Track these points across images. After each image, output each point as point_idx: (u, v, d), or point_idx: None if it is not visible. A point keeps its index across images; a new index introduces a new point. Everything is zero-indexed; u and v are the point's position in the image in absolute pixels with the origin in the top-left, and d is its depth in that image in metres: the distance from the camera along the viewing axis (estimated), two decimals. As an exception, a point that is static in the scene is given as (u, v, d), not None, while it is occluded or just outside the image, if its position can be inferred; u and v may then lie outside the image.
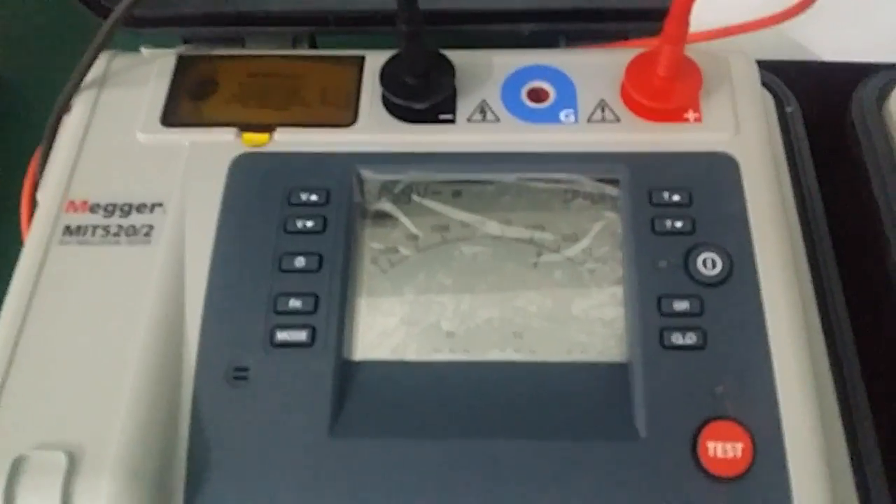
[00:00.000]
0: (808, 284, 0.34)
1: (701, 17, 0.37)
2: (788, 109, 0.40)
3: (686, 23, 0.32)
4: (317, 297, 0.31)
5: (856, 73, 0.42)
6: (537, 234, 0.33)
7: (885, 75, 0.41)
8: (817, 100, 0.42)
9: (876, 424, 0.32)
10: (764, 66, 0.42)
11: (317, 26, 0.44)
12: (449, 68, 0.35)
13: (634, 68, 0.35)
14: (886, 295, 0.36)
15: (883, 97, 0.40)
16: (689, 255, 0.31)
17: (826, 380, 0.32)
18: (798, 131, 0.40)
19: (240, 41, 0.43)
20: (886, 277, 0.36)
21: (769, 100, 0.41)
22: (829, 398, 0.32)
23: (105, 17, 0.39)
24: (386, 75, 0.35)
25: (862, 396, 0.32)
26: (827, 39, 0.42)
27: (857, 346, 0.34)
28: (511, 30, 0.44)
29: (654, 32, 0.34)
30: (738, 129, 0.34)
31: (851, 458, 0.31)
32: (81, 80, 0.38)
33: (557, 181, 0.34)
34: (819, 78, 0.43)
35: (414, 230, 0.34)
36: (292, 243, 0.32)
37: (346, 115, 0.35)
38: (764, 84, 0.41)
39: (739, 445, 0.28)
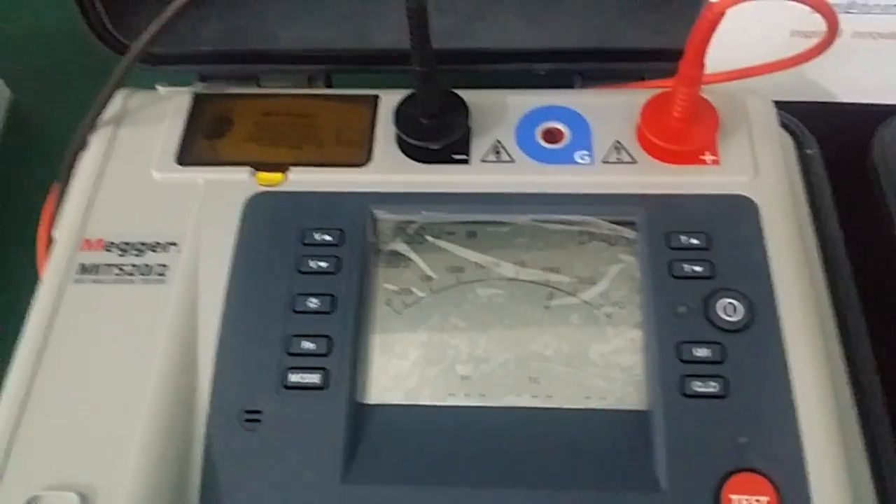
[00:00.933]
0: (832, 332, 0.33)
1: (719, 58, 0.37)
2: (809, 152, 0.40)
3: (701, 65, 0.32)
4: (330, 339, 0.31)
5: (877, 116, 0.42)
6: (553, 277, 0.33)
7: (898, 119, 0.41)
8: (838, 142, 0.41)
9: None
10: (783, 107, 0.42)
11: (332, 65, 0.44)
12: (463, 108, 0.35)
13: (650, 109, 0.35)
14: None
15: (898, 139, 0.40)
16: (708, 301, 0.31)
17: (853, 430, 0.31)
18: (819, 174, 0.39)
19: (255, 79, 0.43)
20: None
21: (789, 142, 0.40)
22: (856, 448, 0.31)
23: (122, 53, 0.39)
24: (400, 115, 0.35)
25: (890, 447, 0.32)
26: (847, 81, 0.41)
27: (884, 395, 0.33)
28: (526, 69, 0.44)
29: (670, 73, 0.34)
30: (757, 171, 0.34)
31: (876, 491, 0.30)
32: (98, 117, 0.38)
33: (573, 223, 0.34)
34: (840, 120, 0.43)
35: (428, 271, 0.33)
36: (306, 284, 0.32)
37: (360, 155, 0.35)
38: (783, 126, 0.41)
39: (765, 499, 0.27)
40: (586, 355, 0.31)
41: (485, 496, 0.28)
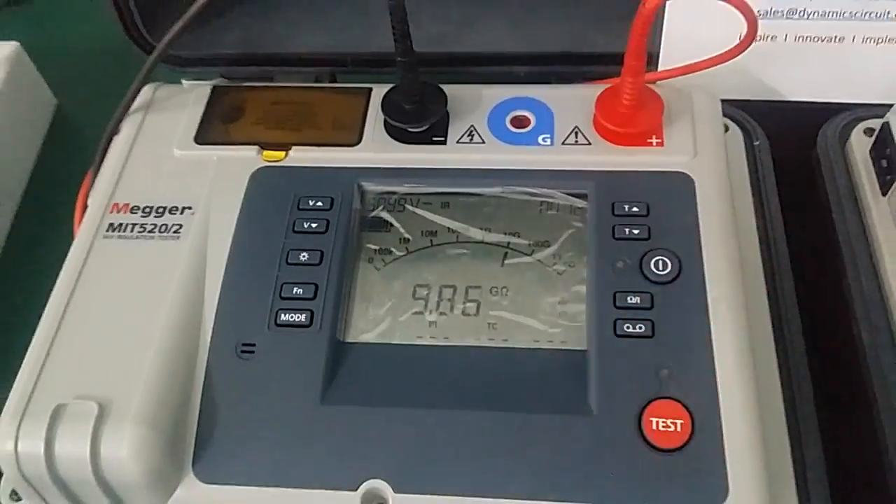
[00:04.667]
0: (762, 290, 0.38)
1: (681, 58, 0.42)
2: (756, 143, 0.45)
3: (642, 57, 0.37)
4: (316, 286, 0.36)
5: (823, 113, 0.46)
6: (513, 240, 0.38)
7: (847, 115, 0.45)
8: (789, 136, 0.46)
9: (820, 418, 0.35)
10: (738, 104, 0.46)
11: (336, 67, 0.50)
12: (441, 96, 0.40)
13: (603, 98, 0.40)
14: (842, 309, 0.39)
15: (845, 135, 0.44)
16: (643, 258, 0.35)
17: (773, 371, 0.35)
18: (764, 162, 0.44)
19: (270, 79, 0.49)
20: (841, 293, 0.39)
21: (739, 133, 0.45)
22: (773, 386, 0.35)
23: (150, 52, 0.45)
24: (386, 102, 0.41)
25: (806, 387, 0.36)
26: (792, 81, 0.46)
27: (807, 347, 0.37)
28: (507, 72, 0.49)
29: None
30: (696, 152, 0.39)
31: (791, 437, 0.34)
32: (128, 108, 0.44)
33: (533, 195, 0.39)
34: (790, 116, 0.47)
35: (406, 234, 0.38)
36: (298, 241, 0.37)
37: (352, 137, 0.41)
38: (735, 120, 0.46)
39: (680, 422, 0.32)
40: (537, 305, 0.36)
41: (441, 415, 0.33)
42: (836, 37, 0.44)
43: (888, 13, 0.43)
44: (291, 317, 0.35)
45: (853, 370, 0.37)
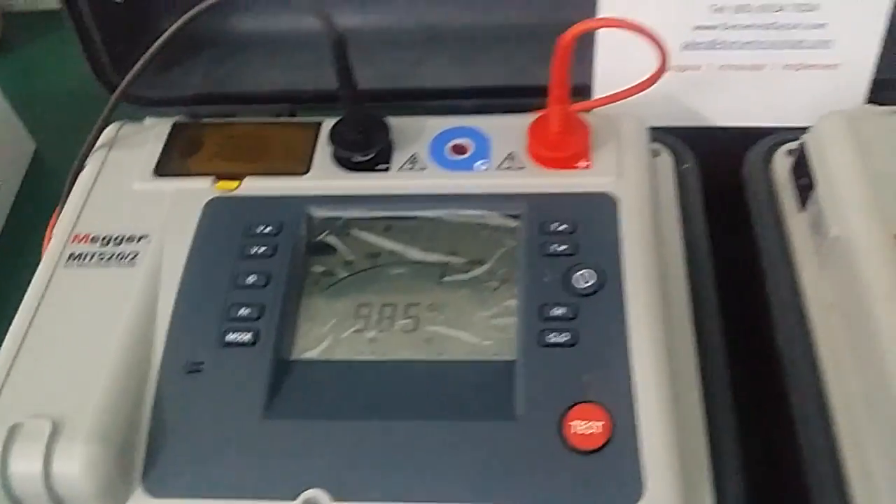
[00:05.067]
0: (685, 300, 0.40)
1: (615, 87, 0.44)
2: (686, 166, 0.47)
3: (564, 87, 0.39)
4: (262, 307, 0.38)
5: (751, 136, 0.49)
6: (451, 259, 0.40)
7: (771, 138, 0.47)
8: (719, 159, 0.49)
9: (738, 420, 0.37)
10: (670, 130, 0.49)
11: (294, 103, 0.53)
12: (384, 127, 0.43)
13: (535, 126, 0.42)
14: (763, 316, 0.41)
15: (769, 157, 0.47)
16: (568, 272, 0.38)
17: (693, 376, 0.38)
18: (692, 183, 0.46)
19: (232, 115, 0.52)
20: (762, 301, 0.42)
21: (669, 157, 0.47)
22: (693, 391, 0.37)
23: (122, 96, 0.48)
24: (333, 133, 0.43)
25: (725, 391, 0.38)
26: (720, 107, 0.49)
27: (729, 353, 0.39)
28: (454, 104, 0.52)
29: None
30: (621, 174, 0.41)
31: (709, 438, 0.36)
32: (92, 145, 0.47)
33: (469, 216, 0.41)
34: (721, 140, 0.50)
35: (350, 257, 0.41)
36: (247, 266, 0.39)
37: (301, 166, 0.43)
38: (667, 144, 0.48)
39: (599, 424, 0.34)
40: (471, 320, 0.38)
41: (376, 426, 0.35)
42: (756, 65, 0.47)
43: (803, 42, 0.46)
44: (237, 336, 0.37)
45: (771, 376, 0.39)
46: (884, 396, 0.34)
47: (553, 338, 0.36)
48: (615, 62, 0.47)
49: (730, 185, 0.48)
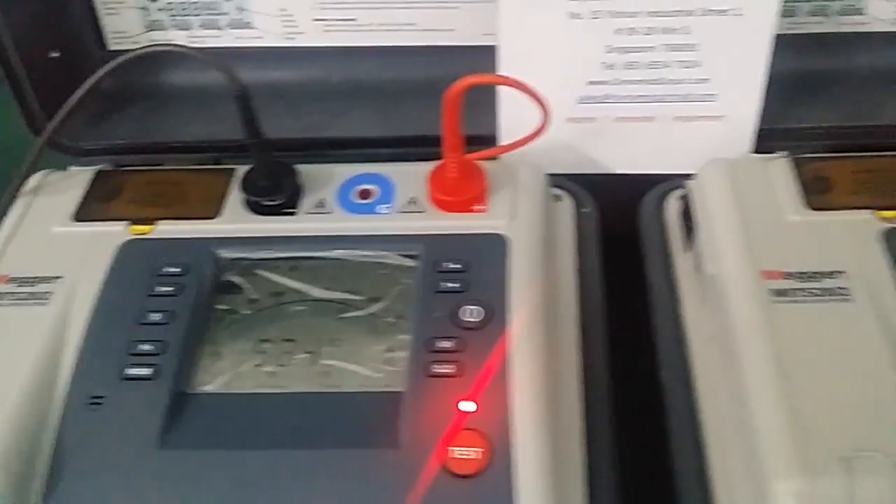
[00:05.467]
0: (574, 332, 0.42)
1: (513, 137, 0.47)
2: (584, 210, 0.50)
3: (456, 136, 0.42)
4: (164, 343, 0.40)
5: (650, 182, 0.52)
6: (350, 297, 0.42)
7: (665, 185, 0.50)
8: (620, 203, 0.51)
9: (618, 447, 0.39)
10: (574, 177, 0.52)
11: (217, 153, 0.55)
12: (292, 173, 0.45)
13: (435, 173, 0.45)
14: (650, 349, 0.44)
15: (661, 203, 0.50)
16: (457, 308, 0.40)
17: (575, 404, 0.40)
18: (590, 226, 0.49)
19: (159, 163, 0.54)
20: (651, 336, 0.44)
21: (570, 202, 0.50)
22: (574, 418, 0.39)
23: (57, 148, 0.50)
24: (245, 179, 0.46)
25: (604, 419, 0.40)
26: (620, 156, 0.52)
27: (614, 380, 0.41)
28: (373, 153, 0.55)
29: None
30: (514, 216, 0.44)
31: (587, 463, 0.38)
32: (15, 194, 0.48)
33: (370, 257, 0.43)
34: (621, 186, 0.53)
35: (254, 296, 0.43)
36: (153, 304, 0.41)
37: (212, 210, 0.45)
38: (568, 190, 0.51)
39: (478, 450, 0.35)
40: (366, 353, 0.40)
41: (266, 455, 0.36)
42: (648, 117, 0.50)
43: (689, 95, 0.49)
44: (138, 371, 0.39)
45: (652, 402, 0.41)
46: (747, 423, 0.36)
47: (438, 369, 0.38)
48: (516, 114, 0.50)
49: (628, 227, 0.51)
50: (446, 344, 0.39)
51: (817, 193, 0.44)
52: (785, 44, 0.53)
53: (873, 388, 0.36)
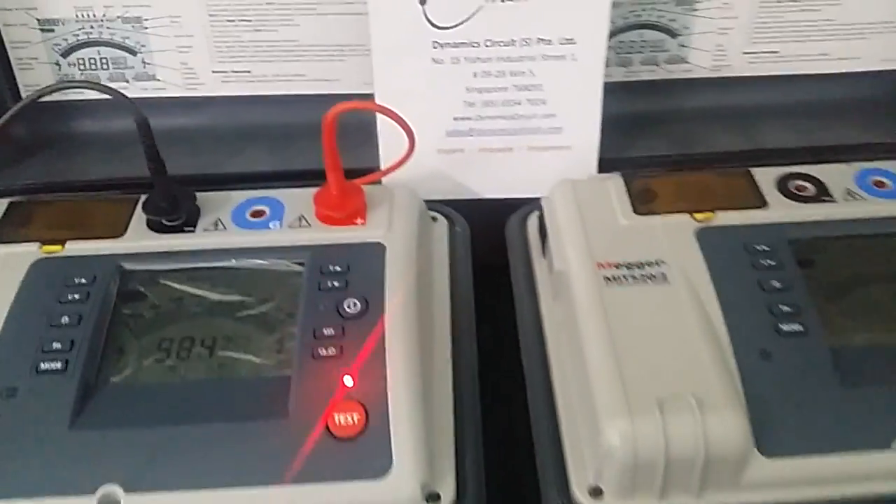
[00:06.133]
0: (446, 328, 0.49)
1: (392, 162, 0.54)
2: (458, 229, 0.57)
3: (334, 157, 0.49)
4: (73, 341, 0.44)
5: (516, 205, 0.59)
6: (245, 299, 0.47)
7: (527, 207, 0.58)
8: (491, 223, 0.59)
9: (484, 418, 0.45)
10: (448, 203, 0.59)
11: (121, 190, 0.60)
12: (190, 196, 0.51)
13: (320, 192, 0.51)
14: (513, 336, 0.50)
15: (523, 223, 0.57)
16: (339, 301, 0.46)
17: (447, 381, 0.46)
18: (461, 244, 0.56)
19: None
20: (514, 327, 0.51)
21: (444, 223, 0.57)
22: (446, 393, 0.45)
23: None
24: (147, 201, 0.51)
25: (473, 392, 0.46)
26: (486, 182, 0.59)
27: (480, 362, 0.48)
28: (265, 186, 0.60)
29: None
30: (390, 228, 0.50)
31: (455, 427, 0.44)
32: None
33: (261, 265, 0.49)
34: (491, 209, 0.60)
35: (156, 301, 0.47)
36: (63, 309, 0.45)
37: (118, 230, 0.50)
38: (443, 213, 0.58)
39: (356, 415, 0.41)
40: (260, 345, 0.45)
41: (167, 431, 0.41)
42: (507, 148, 0.58)
43: (539, 129, 0.58)
44: (49, 364, 0.43)
45: (514, 381, 0.48)
46: (585, 381, 0.43)
47: (322, 352, 0.43)
48: (394, 146, 0.57)
49: (499, 243, 0.58)
50: (329, 331, 0.44)
51: (644, 202, 0.52)
52: (624, 89, 0.63)
53: (685, 350, 0.43)
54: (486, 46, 0.55)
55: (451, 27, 0.55)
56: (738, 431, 0.40)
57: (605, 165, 0.59)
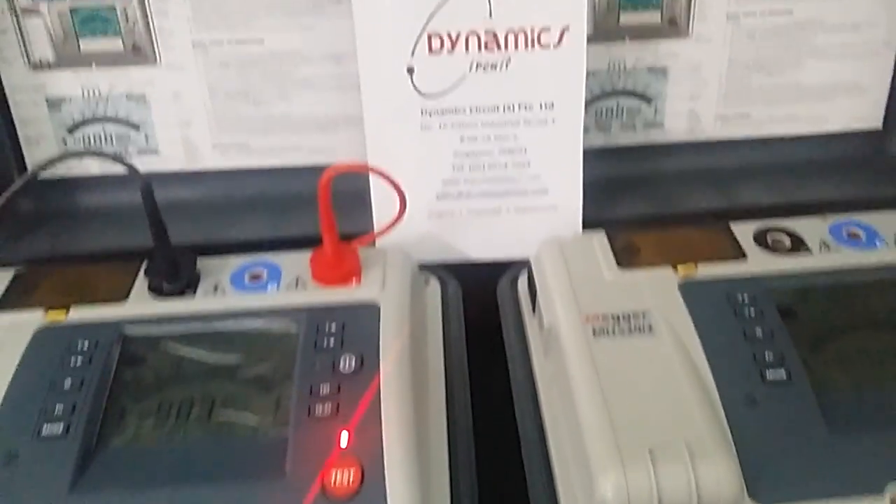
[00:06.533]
0: (440, 382, 0.50)
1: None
2: (450, 290, 0.59)
3: (330, 218, 0.51)
4: (74, 406, 0.45)
5: (508, 265, 0.61)
6: (242, 360, 0.49)
7: (518, 267, 0.60)
8: (483, 283, 0.60)
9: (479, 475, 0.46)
10: (441, 265, 0.61)
11: (124, 260, 0.62)
12: (191, 261, 0.53)
13: (316, 254, 0.53)
14: (506, 393, 0.51)
15: (514, 283, 0.59)
16: (335, 359, 0.47)
17: (441, 436, 0.47)
18: (454, 303, 0.57)
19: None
20: (507, 383, 0.52)
21: (437, 284, 0.59)
22: (440, 448, 0.46)
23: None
24: (149, 267, 0.53)
25: (468, 448, 0.47)
26: (477, 245, 0.61)
27: (474, 417, 0.49)
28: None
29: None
30: (384, 288, 0.52)
31: (451, 480, 0.44)
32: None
33: (259, 327, 0.50)
34: (482, 270, 0.62)
35: (157, 365, 0.49)
36: (65, 373, 0.47)
37: (121, 295, 0.52)
38: (436, 274, 0.60)
39: (352, 473, 0.42)
40: (257, 406, 0.46)
41: (169, 492, 0.41)
42: (495, 209, 0.61)
43: (526, 190, 0.60)
44: (51, 429, 0.44)
45: (508, 435, 0.49)
46: (577, 434, 0.44)
47: (319, 410, 0.44)
48: (387, 210, 0.59)
49: (492, 302, 0.60)
50: (325, 389, 0.45)
51: (628, 256, 0.54)
52: (605, 153, 0.66)
53: (673, 399, 0.45)
54: (472, 113, 0.58)
55: (438, 95, 0.58)
56: (730, 478, 0.41)
57: (589, 225, 0.61)
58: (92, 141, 0.66)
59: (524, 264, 0.60)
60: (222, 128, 0.66)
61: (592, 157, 0.61)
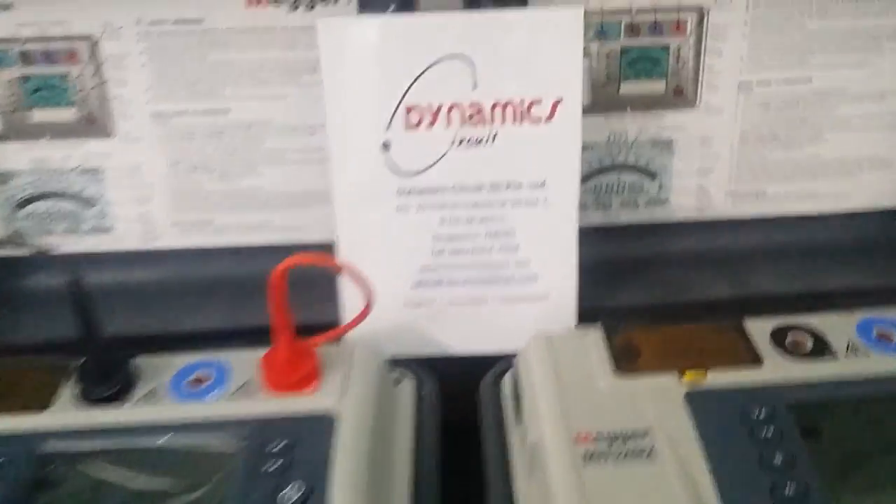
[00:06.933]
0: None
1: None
2: (425, 392, 0.52)
3: (283, 318, 0.44)
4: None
5: (491, 361, 0.54)
6: (171, 486, 0.42)
7: (503, 363, 0.53)
8: (464, 380, 0.54)
9: None
10: (417, 360, 0.54)
11: (55, 353, 0.55)
12: (123, 364, 0.46)
13: (267, 356, 0.47)
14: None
15: (498, 380, 0.52)
16: (276, 489, 0.40)
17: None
18: (430, 404, 0.51)
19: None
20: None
21: (410, 383, 0.52)
22: None
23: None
24: (80, 371, 0.46)
25: None
26: (456, 337, 0.55)
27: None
28: (224, 344, 0.56)
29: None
30: (345, 394, 0.45)
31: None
32: None
33: (194, 444, 0.43)
34: (464, 366, 0.55)
35: (73, 489, 0.42)
36: (-37, 501, 0.40)
37: (43, 402, 0.45)
38: (410, 370, 0.53)
39: None
40: (186, 542, 0.39)
41: None
42: (478, 299, 0.54)
43: (513, 277, 0.54)
44: None
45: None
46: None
47: (252, 552, 0.37)
48: (358, 296, 0.53)
49: (470, 404, 0.53)
50: (263, 526, 0.38)
51: (627, 360, 0.47)
52: (604, 233, 0.60)
53: (676, 542, 0.37)
54: (454, 192, 0.52)
55: (416, 173, 0.52)
56: None
57: (585, 315, 0.54)
58: (41, 218, 0.60)
59: (509, 360, 0.53)
60: (183, 204, 0.60)
61: (590, 236, 0.54)
